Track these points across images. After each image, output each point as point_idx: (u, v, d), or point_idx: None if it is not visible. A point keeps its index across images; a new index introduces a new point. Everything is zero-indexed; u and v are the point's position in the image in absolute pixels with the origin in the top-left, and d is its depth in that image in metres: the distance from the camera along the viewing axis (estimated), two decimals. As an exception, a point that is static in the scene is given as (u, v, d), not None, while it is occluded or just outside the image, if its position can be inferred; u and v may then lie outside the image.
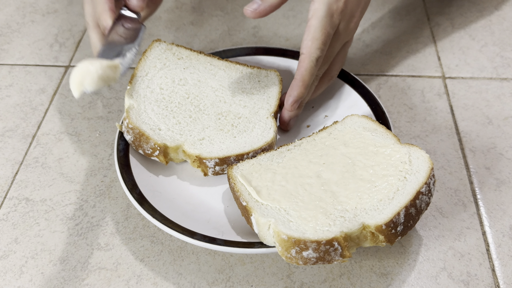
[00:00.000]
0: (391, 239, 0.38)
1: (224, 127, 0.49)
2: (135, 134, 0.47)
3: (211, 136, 0.48)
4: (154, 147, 0.46)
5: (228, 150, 0.47)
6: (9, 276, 0.44)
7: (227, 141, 0.48)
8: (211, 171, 0.46)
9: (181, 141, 0.47)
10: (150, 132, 0.47)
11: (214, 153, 0.46)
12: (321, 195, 0.41)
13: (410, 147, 0.44)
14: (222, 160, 0.46)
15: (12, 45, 0.67)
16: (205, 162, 0.46)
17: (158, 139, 0.47)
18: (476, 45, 0.64)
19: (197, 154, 0.46)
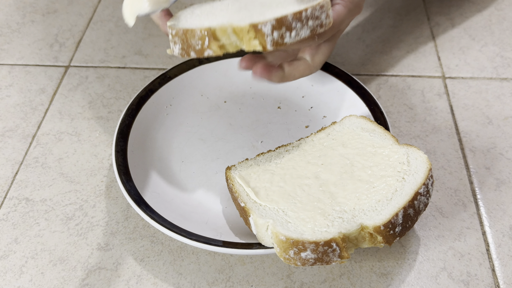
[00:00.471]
0: (389, 240, 0.38)
1: (270, 3, 0.44)
2: (181, 38, 0.42)
3: (258, 10, 0.43)
4: (202, 36, 0.41)
5: (285, 11, 0.41)
6: (9, 276, 0.44)
7: (277, 8, 0.42)
8: (270, 41, 0.40)
9: (226, 19, 0.42)
10: (193, 25, 0.42)
11: (268, 15, 0.40)
12: (319, 196, 0.41)
13: (409, 147, 0.44)
14: (279, 22, 0.39)
15: (12, 45, 0.67)
16: (261, 29, 0.39)
17: (204, 25, 0.41)
18: (476, 45, 0.64)
19: (250, 23, 0.40)
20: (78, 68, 0.63)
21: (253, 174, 0.44)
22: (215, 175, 0.50)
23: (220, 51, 0.41)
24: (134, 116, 0.52)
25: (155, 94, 0.55)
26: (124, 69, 0.63)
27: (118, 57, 0.64)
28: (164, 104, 0.55)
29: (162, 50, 0.65)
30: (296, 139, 0.52)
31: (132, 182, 0.46)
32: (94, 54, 0.65)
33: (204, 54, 0.42)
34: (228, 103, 0.57)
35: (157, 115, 0.55)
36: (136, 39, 0.67)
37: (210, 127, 0.54)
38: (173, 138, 0.53)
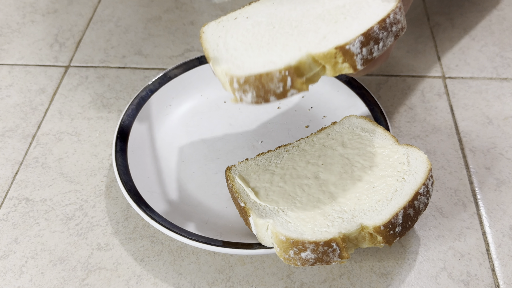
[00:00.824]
0: (389, 240, 0.38)
1: (336, 17, 0.40)
2: (254, 85, 0.36)
3: (330, 28, 0.39)
4: (282, 77, 0.36)
5: (366, 23, 0.37)
6: (9, 276, 0.44)
7: (353, 22, 0.39)
8: (360, 60, 0.36)
9: (304, 51, 0.37)
10: (266, 68, 0.37)
11: (354, 31, 0.36)
12: (319, 196, 0.41)
13: (409, 147, 0.44)
14: (367, 36, 0.36)
15: (12, 45, 0.67)
16: (350, 49, 0.36)
17: (278, 65, 0.36)
18: (476, 45, 0.64)
19: (336, 45, 0.36)
20: (78, 68, 0.63)
21: (253, 174, 0.44)
22: (215, 175, 0.50)
23: (305, 86, 0.37)
24: (134, 116, 0.52)
25: (155, 94, 0.55)
26: (124, 69, 0.63)
27: (118, 57, 0.64)
28: (164, 104, 0.55)
29: (162, 50, 0.65)
30: (296, 139, 0.52)
31: (132, 182, 0.46)
32: (94, 54, 0.65)
33: (288, 95, 0.37)
34: (228, 103, 0.57)
35: (157, 115, 0.55)
36: (136, 39, 0.67)
37: (210, 127, 0.54)
38: (173, 138, 0.53)
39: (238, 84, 0.36)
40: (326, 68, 0.37)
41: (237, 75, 0.36)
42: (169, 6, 0.72)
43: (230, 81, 0.37)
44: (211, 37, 0.43)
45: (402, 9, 0.39)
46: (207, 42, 0.43)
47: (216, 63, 0.39)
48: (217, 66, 0.39)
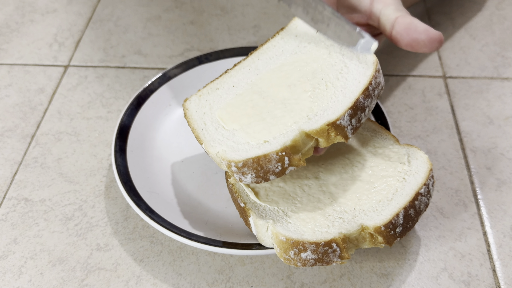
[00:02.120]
0: (390, 241, 0.38)
1: (319, 87, 0.41)
2: (252, 167, 0.37)
3: (317, 102, 0.40)
4: (280, 158, 0.37)
5: (351, 94, 0.38)
6: (8, 277, 0.44)
7: (337, 93, 0.40)
8: (350, 130, 0.38)
9: (296, 128, 0.38)
10: (262, 150, 0.38)
11: (342, 105, 0.38)
12: (320, 196, 0.41)
13: (409, 147, 0.44)
14: (354, 108, 0.37)
15: (11, 44, 0.67)
16: (340, 124, 0.37)
17: (274, 146, 0.37)
18: (477, 45, 0.64)
19: (327, 122, 0.37)
20: (77, 67, 0.63)
21: (253, 174, 0.44)
22: (215, 175, 0.50)
23: (303, 162, 0.38)
24: (133, 116, 0.52)
25: (155, 94, 0.55)
26: (124, 68, 0.63)
27: (117, 57, 0.64)
28: (163, 104, 0.55)
29: (161, 49, 0.65)
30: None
31: (131, 182, 0.46)
32: (94, 53, 0.65)
33: (286, 173, 0.38)
34: (228, 103, 0.57)
35: (157, 115, 0.54)
36: (136, 38, 0.67)
37: (210, 127, 0.54)
38: (173, 138, 0.53)
39: (237, 168, 0.37)
40: (319, 141, 0.38)
41: (235, 160, 0.37)
42: (168, 5, 0.72)
43: (228, 165, 0.38)
44: (196, 114, 0.43)
45: (380, 70, 0.41)
46: (193, 121, 0.43)
47: (209, 146, 0.40)
48: (211, 149, 0.40)
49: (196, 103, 0.45)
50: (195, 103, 0.45)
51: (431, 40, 0.41)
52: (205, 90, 0.46)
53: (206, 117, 0.43)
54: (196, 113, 0.44)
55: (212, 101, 0.44)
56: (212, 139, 0.40)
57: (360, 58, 0.41)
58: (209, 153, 0.40)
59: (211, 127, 0.42)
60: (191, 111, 0.44)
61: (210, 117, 0.43)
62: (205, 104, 0.44)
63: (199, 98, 0.45)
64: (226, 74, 0.46)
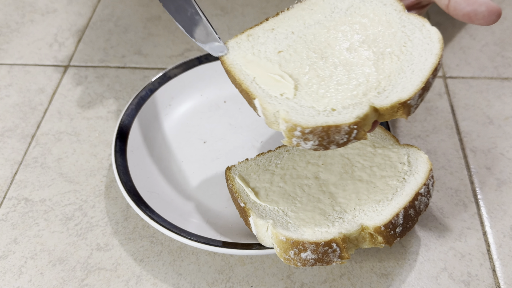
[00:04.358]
0: (390, 241, 0.38)
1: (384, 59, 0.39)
2: (318, 134, 0.35)
3: (385, 78, 0.38)
4: (350, 130, 0.35)
5: (422, 73, 0.37)
6: (8, 277, 0.44)
7: (405, 72, 0.38)
8: (414, 108, 0.37)
9: (366, 102, 0.36)
10: (332, 119, 0.35)
11: (413, 84, 0.36)
12: (320, 196, 0.41)
13: (409, 148, 0.44)
14: (424, 89, 0.36)
15: (11, 44, 0.67)
16: (410, 103, 0.36)
17: (347, 118, 0.35)
18: (477, 45, 0.64)
19: (399, 100, 0.35)
20: (77, 68, 0.63)
21: (253, 174, 0.44)
22: (215, 175, 0.50)
23: (366, 135, 0.36)
24: (133, 116, 0.52)
25: (155, 94, 0.55)
26: (124, 68, 0.63)
27: (117, 57, 0.64)
28: (164, 104, 0.55)
29: (161, 49, 0.65)
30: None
31: (131, 182, 0.46)
32: (94, 53, 0.65)
33: (347, 144, 0.37)
34: (228, 103, 0.57)
35: (157, 115, 0.54)
36: (136, 38, 0.67)
37: (210, 127, 0.54)
38: (173, 138, 0.53)
39: (302, 133, 0.35)
40: (383, 116, 0.37)
41: (302, 125, 0.35)
42: (169, 5, 0.72)
43: (291, 128, 0.35)
44: (242, 63, 0.40)
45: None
46: (238, 72, 0.39)
47: (266, 103, 0.37)
48: (268, 106, 0.36)
49: (244, 52, 0.40)
50: (238, 51, 0.40)
51: (490, 12, 0.40)
52: (243, 36, 0.42)
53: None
54: (240, 63, 0.40)
55: (261, 49, 0.40)
56: (268, 95, 0.37)
57: (423, 31, 0.39)
58: (266, 110, 0.37)
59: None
60: (232, 60, 0.40)
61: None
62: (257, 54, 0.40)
63: (239, 45, 0.41)
64: (267, 22, 0.43)
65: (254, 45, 0.41)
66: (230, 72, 0.40)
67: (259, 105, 0.37)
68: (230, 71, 0.40)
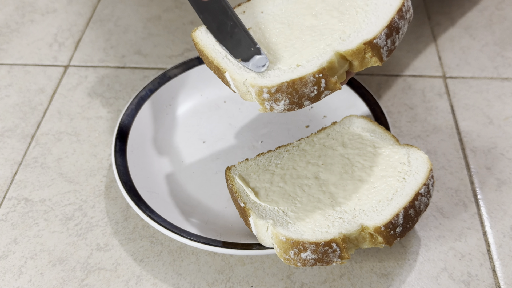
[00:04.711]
0: (390, 241, 0.38)
1: (348, 12, 0.39)
2: (286, 92, 0.35)
3: (349, 24, 0.39)
4: (316, 80, 0.35)
5: (385, 15, 0.37)
6: (8, 277, 0.44)
7: (370, 15, 0.38)
8: (385, 51, 0.37)
9: (330, 50, 0.36)
10: (296, 73, 0.36)
11: (377, 25, 0.37)
12: (320, 196, 0.41)
13: (409, 148, 0.44)
14: (390, 28, 0.37)
15: (11, 44, 0.67)
16: (377, 43, 0.36)
17: (310, 69, 0.35)
18: (477, 45, 0.64)
19: (364, 41, 0.36)
20: (77, 67, 0.63)
21: (253, 174, 0.44)
22: (215, 175, 0.50)
23: (338, 85, 0.36)
24: (133, 116, 0.52)
25: (155, 94, 0.55)
26: (124, 68, 0.63)
27: (117, 57, 0.64)
28: (164, 104, 0.55)
29: (161, 49, 0.65)
30: (296, 139, 0.52)
31: (131, 182, 0.46)
32: (94, 53, 0.65)
33: (321, 97, 0.36)
34: (228, 103, 0.57)
35: (157, 115, 0.54)
36: (136, 38, 0.67)
37: (210, 127, 0.54)
38: (173, 138, 0.53)
39: (269, 94, 0.35)
40: (353, 64, 0.37)
41: (267, 85, 0.35)
42: (168, 5, 0.72)
43: (259, 92, 0.36)
44: (212, 43, 0.41)
45: None
46: (210, 50, 0.40)
47: (235, 74, 0.38)
48: (237, 76, 0.37)
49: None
50: (208, 33, 0.42)
51: None
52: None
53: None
54: (213, 42, 0.41)
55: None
56: (237, 67, 0.38)
57: None
58: (235, 80, 0.37)
59: None
60: (205, 40, 0.41)
61: None
62: None
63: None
64: (239, 7, 0.44)
65: None
66: (203, 52, 0.41)
67: (229, 77, 0.38)
68: (203, 51, 0.41)
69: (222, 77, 0.40)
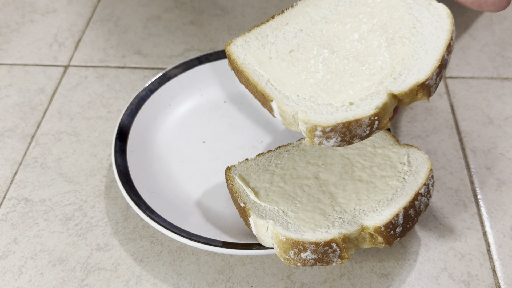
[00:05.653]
0: (390, 241, 0.38)
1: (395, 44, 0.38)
2: (340, 131, 0.35)
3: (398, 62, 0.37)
4: (371, 122, 0.34)
5: (435, 51, 0.36)
6: (8, 277, 0.44)
7: (418, 53, 0.37)
8: (434, 87, 0.36)
9: (383, 90, 0.36)
10: (351, 113, 0.35)
11: (428, 64, 0.36)
12: (320, 197, 0.41)
13: (409, 148, 0.44)
14: (440, 66, 0.36)
15: (11, 44, 0.67)
16: (428, 83, 0.35)
17: (366, 110, 0.35)
18: (477, 45, 0.64)
19: (417, 83, 0.35)
20: (77, 67, 0.63)
21: (253, 174, 0.44)
22: (215, 175, 0.50)
23: (388, 123, 0.36)
24: (133, 116, 0.52)
25: (155, 94, 0.55)
26: (124, 68, 0.63)
27: (117, 57, 0.64)
28: (163, 104, 0.55)
29: (161, 49, 0.65)
30: (296, 139, 0.52)
31: (131, 182, 0.46)
32: (94, 53, 0.65)
33: (370, 136, 0.36)
34: (228, 103, 0.57)
35: (157, 115, 0.54)
36: (136, 38, 0.67)
37: (210, 127, 0.54)
38: (172, 138, 0.53)
39: (323, 132, 0.35)
40: (402, 101, 0.36)
41: (322, 124, 0.35)
42: (168, 5, 0.72)
43: (311, 129, 0.35)
44: (254, 62, 0.39)
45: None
46: (252, 72, 0.38)
47: (283, 105, 0.36)
48: (286, 108, 0.36)
49: (252, 50, 0.40)
50: (249, 50, 0.40)
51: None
52: (251, 35, 0.41)
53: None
54: (252, 62, 0.39)
55: (271, 49, 0.40)
56: (284, 96, 0.37)
57: (431, 10, 0.39)
58: (284, 112, 0.36)
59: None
60: (244, 58, 0.39)
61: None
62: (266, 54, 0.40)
63: (249, 44, 0.40)
64: (274, 20, 0.42)
65: (264, 44, 0.40)
66: (242, 72, 0.39)
67: (276, 107, 0.37)
68: (242, 72, 0.39)
69: (264, 103, 0.38)
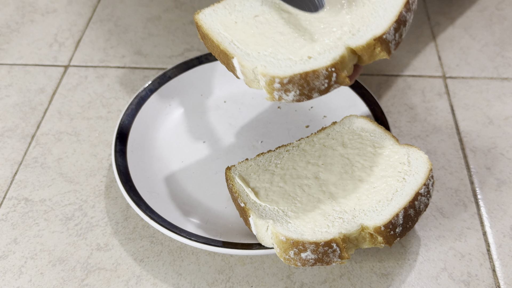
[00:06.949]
0: (390, 241, 0.38)
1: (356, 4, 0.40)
2: (297, 83, 0.36)
3: (358, 19, 0.39)
4: (329, 73, 0.35)
5: (393, 8, 0.38)
6: (8, 277, 0.44)
7: (377, 11, 0.39)
8: (393, 44, 0.37)
9: (341, 44, 0.37)
10: (309, 65, 0.36)
11: (386, 19, 0.37)
12: (320, 196, 0.41)
13: (409, 147, 0.44)
14: (398, 22, 0.37)
15: (11, 44, 0.67)
16: (386, 38, 0.37)
17: (323, 62, 0.36)
18: (477, 45, 0.64)
19: (373, 37, 0.36)
20: (77, 68, 0.63)
21: (253, 174, 0.44)
22: (215, 175, 0.50)
23: (347, 80, 0.37)
24: (133, 116, 0.52)
25: (155, 94, 0.55)
26: (124, 68, 0.63)
27: (117, 57, 0.64)
28: (164, 104, 0.55)
29: (161, 49, 0.65)
30: (296, 139, 0.52)
31: (131, 182, 0.46)
32: (94, 53, 0.65)
33: (330, 91, 0.37)
34: (228, 103, 0.57)
35: (157, 115, 0.54)
36: (136, 38, 0.67)
37: (210, 127, 0.54)
38: (173, 138, 0.53)
39: (281, 84, 0.36)
40: (362, 58, 0.38)
41: (280, 75, 0.36)
42: (168, 5, 0.72)
43: (269, 82, 0.36)
44: (220, 26, 0.41)
45: None
46: (216, 35, 0.40)
47: (244, 60, 0.38)
48: (246, 63, 0.37)
49: (220, 15, 0.42)
50: (217, 15, 0.42)
51: None
52: (220, 5, 0.43)
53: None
54: (218, 26, 0.41)
55: (238, 15, 0.42)
56: (245, 53, 0.38)
57: None
58: (244, 67, 0.38)
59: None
60: (210, 24, 0.41)
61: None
62: (230, 18, 0.42)
63: (215, 11, 0.42)
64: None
65: (231, 12, 0.42)
66: (207, 35, 0.41)
67: (237, 63, 0.38)
68: (207, 35, 0.41)
69: (227, 63, 0.40)
